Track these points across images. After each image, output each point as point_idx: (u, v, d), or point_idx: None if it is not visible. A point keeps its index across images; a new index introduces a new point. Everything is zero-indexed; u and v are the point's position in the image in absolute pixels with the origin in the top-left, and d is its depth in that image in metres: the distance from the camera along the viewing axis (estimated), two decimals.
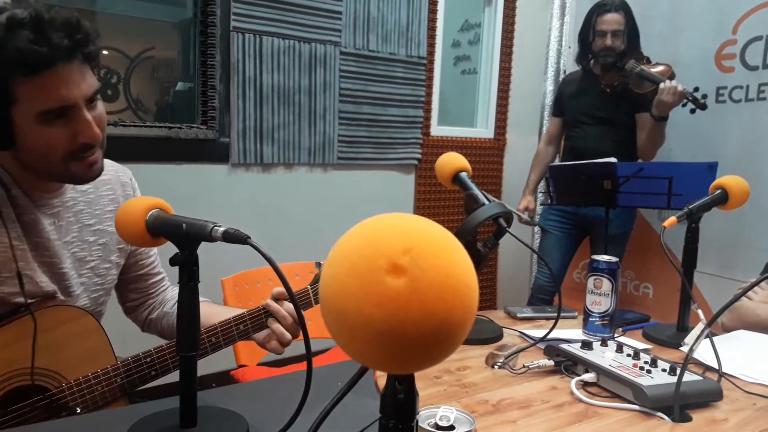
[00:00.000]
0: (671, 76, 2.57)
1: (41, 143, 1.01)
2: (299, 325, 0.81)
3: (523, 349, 1.27)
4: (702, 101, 2.48)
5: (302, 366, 2.14)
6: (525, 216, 2.96)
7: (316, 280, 1.28)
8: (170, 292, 1.42)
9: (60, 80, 0.98)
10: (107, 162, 1.26)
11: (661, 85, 2.49)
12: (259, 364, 2.00)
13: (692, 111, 2.53)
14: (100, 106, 1.08)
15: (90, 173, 1.09)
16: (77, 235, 1.19)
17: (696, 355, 1.21)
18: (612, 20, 2.67)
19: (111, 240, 1.25)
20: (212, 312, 1.24)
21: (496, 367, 1.20)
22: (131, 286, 1.37)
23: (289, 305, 1.19)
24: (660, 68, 2.62)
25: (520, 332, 1.46)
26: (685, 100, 2.50)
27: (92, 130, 1.04)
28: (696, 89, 2.51)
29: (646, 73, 2.58)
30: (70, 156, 1.05)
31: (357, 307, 0.41)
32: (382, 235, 0.43)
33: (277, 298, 1.21)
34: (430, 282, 0.41)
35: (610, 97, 2.73)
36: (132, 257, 1.32)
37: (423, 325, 0.40)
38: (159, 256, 1.39)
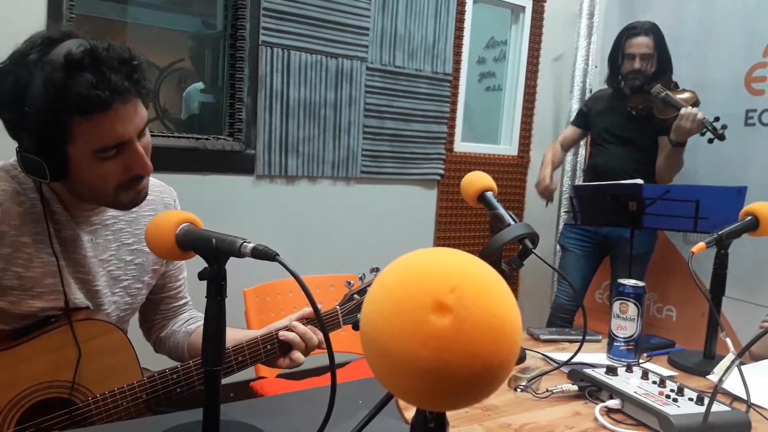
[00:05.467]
0: (695, 104, 2.57)
1: (95, 177, 1.03)
2: (326, 348, 0.81)
3: (546, 373, 1.25)
4: (721, 132, 2.46)
5: (322, 379, 2.14)
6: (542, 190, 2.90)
7: (346, 299, 1.27)
8: (185, 315, 1.40)
9: (116, 119, 0.99)
10: (154, 181, 1.27)
11: (682, 111, 2.48)
12: (278, 376, 2.00)
13: (710, 141, 2.51)
14: (147, 134, 1.09)
15: (137, 200, 1.12)
16: (114, 254, 1.20)
17: (723, 384, 1.19)
18: (641, 44, 2.66)
19: (147, 261, 1.25)
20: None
21: (518, 389, 1.19)
22: (153, 308, 1.36)
23: (304, 328, 1.19)
24: (685, 95, 2.60)
25: (543, 354, 1.45)
26: (704, 129, 2.48)
27: (144, 162, 1.06)
28: (716, 119, 2.49)
29: (670, 99, 2.57)
30: (122, 186, 1.07)
31: (400, 344, 0.40)
32: (426, 272, 0.42)
33: (303, 318, 1.21)
34: (476, 322, 0.40)
35: (635, 119, 2.72)
36: (161, 279, 1.32)
37: (467, 365, 0.40)
38: (188, 270, 1.38)
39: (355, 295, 1.28)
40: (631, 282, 1.40)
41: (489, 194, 1.37)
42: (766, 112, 2.69)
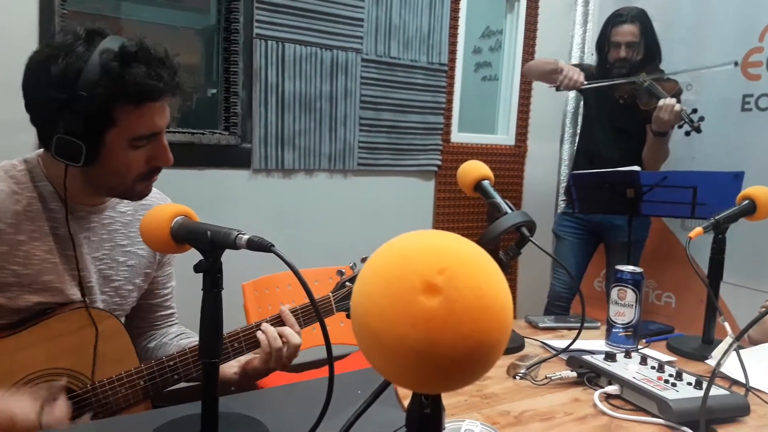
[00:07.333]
0: (677, 93, 2.57)
1: (122, 164, 1.07)
2: (323, 336, 0.81)
3: (545, 360, 1.26)
4: (697, 124, 2.48)
5: (321, 371, 2.15)
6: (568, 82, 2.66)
7: (338, 287, 1.28)
8: (175, 328, 1.40)
9: (157, 111, 1.07)
10: (152, 189, 1.29)
11: (660, 102, 2.49)
12: None
13: (687, 134, 2.52)
14: None
15: (146, 192, 1.16)
16: (108, 254, 1.21)
17: (722, 368, 1.19)
18: (627, 32, 2.64)
19: (140, 263, 1.26)
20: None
21: (517, 377, 1.19)
22: (140, 314, 1.35)
23: (273, 332, 1.19)
24: (668, 84, 2.60)
25: (542, 342, 1.45)
26: (681, 121, 2.49)
27: (168, 155, 1.11)
28: (694, 111, 2.50)
29: (654, 89, 2.57)
30: (141, 176, 1.11)
31: (390, 327, 0.40)
32: (416, 254, 0.42)
33: (297, 306, 1.22)
34: (466, 303, 0.40)
35: (623, 107, 2.71)
36: (149, 284, 1.32)
37: (458, 346, 0.40)
38: (184, 263, 1.37)
39: (347, 283, 1.29)
40: (630, 268, 1.40)
41: (486, 183, 1.37)
42: (763, 97, 2.68)
